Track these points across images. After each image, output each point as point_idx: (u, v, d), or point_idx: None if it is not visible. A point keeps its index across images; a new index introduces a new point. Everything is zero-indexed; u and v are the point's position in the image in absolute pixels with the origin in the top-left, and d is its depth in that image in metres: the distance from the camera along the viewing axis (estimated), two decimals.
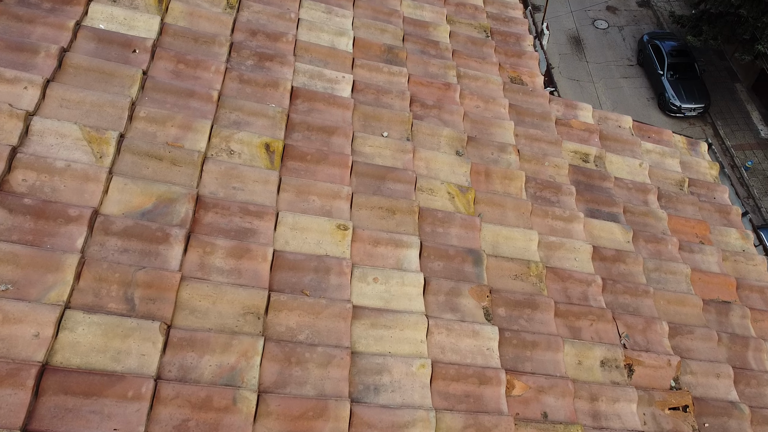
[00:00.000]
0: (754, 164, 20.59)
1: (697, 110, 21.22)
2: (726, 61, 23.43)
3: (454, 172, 3.43)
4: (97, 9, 3.13)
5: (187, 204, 2.62)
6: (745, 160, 20.76)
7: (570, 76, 23.12)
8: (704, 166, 4.49)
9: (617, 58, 23.73)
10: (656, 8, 25.26)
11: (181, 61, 3.12)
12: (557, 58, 23.52)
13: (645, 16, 25.33)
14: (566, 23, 24.70)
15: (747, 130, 21.83)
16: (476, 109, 3.88)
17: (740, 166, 20.44)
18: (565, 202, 3.63)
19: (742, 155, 21.07)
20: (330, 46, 3.69)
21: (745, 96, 22.59)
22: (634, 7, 25.78)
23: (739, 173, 20.37)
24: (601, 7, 25.74)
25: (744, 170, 20.29)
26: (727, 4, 19.48)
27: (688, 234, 3.94)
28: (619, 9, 25.66)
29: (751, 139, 21.58)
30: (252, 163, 2.92)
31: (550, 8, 23.39)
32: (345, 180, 3.08)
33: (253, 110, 3.11)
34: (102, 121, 2.72)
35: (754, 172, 20.57)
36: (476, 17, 4.56)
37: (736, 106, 22.43)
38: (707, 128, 21.74)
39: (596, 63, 23.63)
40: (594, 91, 22.77)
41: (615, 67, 23.47)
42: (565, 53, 23.79)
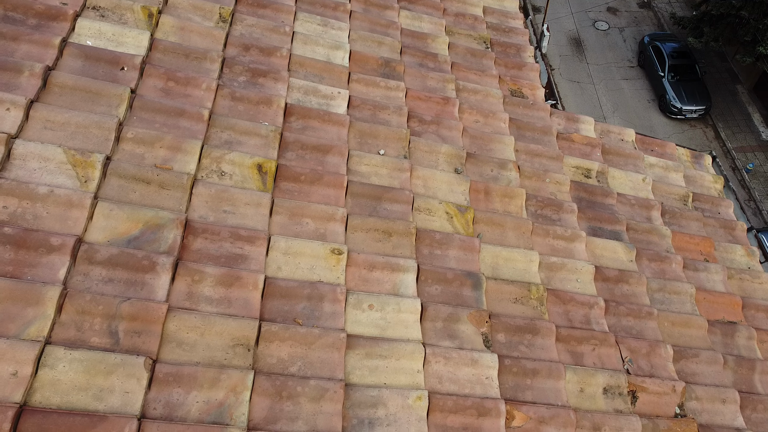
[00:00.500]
0: (755, 166, 20.51)
1: (698, 112, 21.14)
2: (727, 63, 23.34)
3: (453, 191, 3.33)
4: (85, 25, 3.03)
5: (175, 230, 2.52)
6: (746, 163, 20.68)
7: (570, 77, 23.03)
8: (708, 180, 4.40)
9: (618, 60, 23.64)
10: (657, 9, 25.17)
11: (171, 79, 3.03)
12: (558, 59, 23.43)
13: (646, 18, 25.24)
14: (567, 24, 24.61)
15: (748, 132, 21.74)
16: (476, 124, 3.79)
17: (741, 169, 20.35)
18: (566, 221, 3.54)
19: (743, 157, 20.98)
20: (325, 60, 3.59)
21: (747, 98, 22.50)
22: (635, 8, 25.69)
23: (740, 175, 20.28)
24: (602, 8, 25.65)
25: (745, 172, 20.20)
26: (728, 5, 19.40)
27: (692, 251, 3.84)
28: (619, 10, 25.56)
29: (753, 141, 21.49)
30: (243, 185, 2.83)
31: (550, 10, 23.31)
32: (340, 201, 2.99)
33: (245, 129, 3.02)
34: (88, 143, 2.62)
35: (755, 175, 20.49)
36: (476, 28, 4.47)
37: (738, 108, 22.34)
38: (708, 130, 21.66)
39: (597, 64, 23.54)
40: (594, 92, 22.68)
41: (615, 68, 23.37)
42: (565, 55, 23.70)
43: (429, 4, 4.41)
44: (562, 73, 23.05)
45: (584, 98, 22.48)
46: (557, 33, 24.07)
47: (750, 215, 19.56)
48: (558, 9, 24.84)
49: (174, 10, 3.37)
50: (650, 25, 24.81)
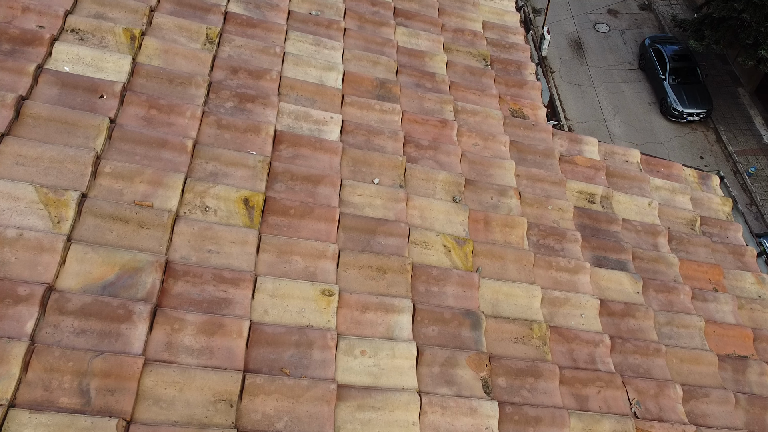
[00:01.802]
0: (757, 170, 20.36)
1: (699, 115, 20.98)
2: (728, 66, 23.18)
3: (451, 221, 3.18)
4: (62, 49, 2.87)
5: (154, 273, 2.37)
6: (747, 166, 20.53)
7: (571, 80, 22.88)
8: (716, 203, 4.24)
9: (618, 62, 23.48)
10: (658, 12, 25.01)
11: (153, 106, 2.87)
12: (558, 61, 23.28)
13: (646, 20, 25.08)
14: (567, 27, 24.46)
15: (750, 135, 21.59)
16: (475, 147, 3.63)
17: (743, 172, 20.20)
18: (570, 250, 3.38)
19: (744, 161, 20.83)
20: (318, 82, 3.44)
21: (748, 101, 22.35)
22: (636, 10, 25.53)
23: (741, 179, 20.13)
24: (602, 10, 25.50)
25: (747, 176, 20.06)
26: (730, 8, 19.24)
27: (700, 280, 3.69)
28: (620, 12, 25.40)
29: (754, 144, 21.34)
30: (229, 221, 2.67)
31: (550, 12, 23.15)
32: (331, 236, 2.83)
33: (231, 159, 2.86)
34: (62, 180, 2.47)
35: (756, 178, 20.34)
36: (475, 44, 4.31)
37: (739, 111, 22.19)
38: (709, 133, 21.51)
39: (597, 67, 23.39)
40: (595, 95, 22.53)
41: (616, 71, 23.22)
42: (565, 57, 23.55)
43: (427, 20, 4.25)
44: (563, 75, 22.90)
45: (585, 101, 22.34)
46: (557, 35, 23.91)
47: (751, 219, 19.40)
48: (558, 11, 24.68)
49: (158, 31, 3.21)
50: (651, 27, 24.64)
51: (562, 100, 21.92)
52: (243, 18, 3.51)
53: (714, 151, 21.05)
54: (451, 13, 4.44)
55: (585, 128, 21.07)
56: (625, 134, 21.11)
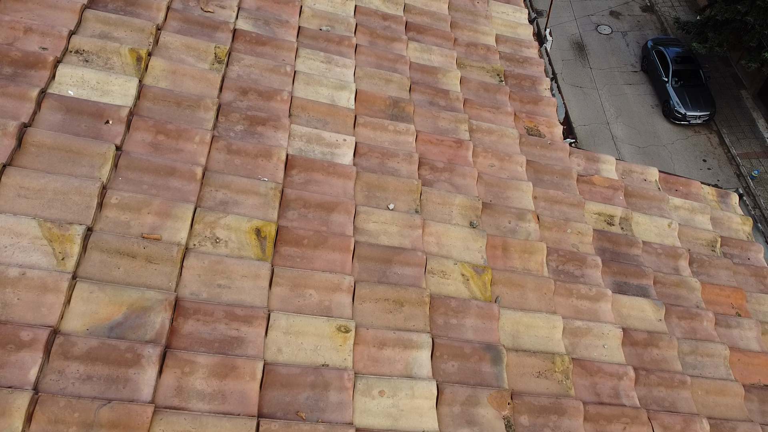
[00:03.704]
0: (760, 173, 20.26)
1: (702, 118, 20.88)
2: (731, 68, 23.07)
3: (468, 248, 3.07)
4: (66, 72, 2.76)
5: (163, 312, 2.25)
6: (751, 169, 20.43)
7: (573, 82, 22.79)
8: (736, 222, 4.13)
9: (621, 65, 23.38)
10: (660, 13, 24.90)
11: (161, 132, 2.76)
12: (560, 63, 23.19)
13: (649, 22, 24.98)
14: (569, 28, 24.35)
15: (753, 138, 21.49)
16: (491, 168, 3.52)
17: (746, 175, 20.11)
18: (590, 276, 3.27)
19: (748, 164, 20.73)
20: (330, 102, 3.32)
21: (751, 103, 22.25)
22: (638, 12, 25.43)
23: (745, 182, 20.04)
24: (605, 12, 25.39)
25: (750, 179, 19.96)
26: (733, 10, 19.14)
27: (723, 305, 3.58)
28: (622, 14, 25.30)
29: (757, 147, 21.24)
30: (240, 253, 2.56)
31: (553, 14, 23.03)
32: (346, 267, 2.72)
33: (242, 187, 2.75)
34: (66, 213, 2.35)
35: (760, 181, 20.24)
36: (488, 59, 4.20)
37: (742, 114, 22.09)
38: (712, 136, 21.42)
39: (599, 69, 23.29)
40: (598, 98, 22.43)
41: (618, 73, 23.12)
42: (568, 59, 23.45)
43: (439, 35, 4.13)
44: (565, 77, 22.81)
45: (587, 103, 22.25)
46: (560, 37, 23.80)
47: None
48: (561, 13, 24.57)
49: (165, 51, 3.10)
50: (653, 29, 24.54)
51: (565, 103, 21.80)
52: (252, 35, 3.40)
53: (717, 154, 20.96)
54: (464, 27, 4.33)
55: (587, 131, 20.98)
56: (628, 137, 21.02)
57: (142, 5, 3.21)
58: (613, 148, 20.90)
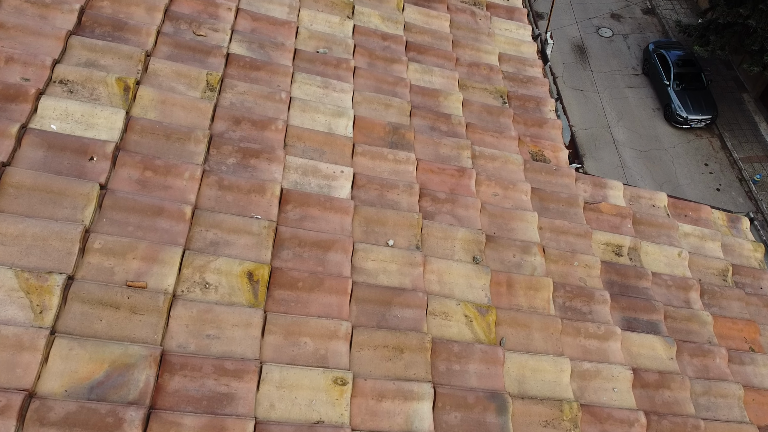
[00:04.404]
0: (762, 177, 20.12)
1: (704, 122, 20.75)
2: (733, 71, 22.94)
3: (472, 286, 2.93)
4: (49, 105, 2.62)
5: (147, 369, 2.12)
6: (753, 173, 20.29)
7: (574, 86, 22.66)
8: (748, 249, 4.00)
9: (622, 68, 23.24)
10: (661, 16, 24.76)
11: (148, 168, 2.62)
12: (561, 67, 23.06)
13: (650, 24, 24.84)
14: (570, 31, 24.22)
15: (755, 141, 21.36)
16: (494, 198, 3.38)
17: (748, 180, 19.98)
18: (598, 313, 3.14)
19: (750, 168, 20.59)
20: (327, 131, 3.18)
21: (753, 107, 22.12)
22: (639, 14, 25.29)
23: (747, 187, 19.90)
24: (605, 14, 25.26)
25: (752, 184, 19.83)
26: (735, 14, 19.00)
27: (736, 339, 3.44)
28: (623, 17, 25.16)
29: (760, 151, 21.11)
30: (231, 299, 2.42)
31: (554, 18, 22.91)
32: (343, 311, 2.58)
33: (234, 226, 2.61)
34: (46, 260, 2.22)
35: (762, 186, 20.11)
36: (491, 80, 4.06)
37: (744, 117, 21.96)
38: (714, 140, 21.29)
39: (601, 72, 23.15)
40: (599, 101, 22.30)
41: (620, 76, 22.98)
42: (569, 62, 23.31)
43: (440, 54, 3.99)
44: (566, 81, 22.68)
45: (588, 107, 22.11)
46: (560, 40, 23.66)
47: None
48: (561, 16, 24.43)
49: (155, 78, 2.96)
50: (654, 32, 24.40)
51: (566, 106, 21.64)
52: (246, 60, 3.26)
53: (719, 158, 20.83)
54: (466, 45, 4.19)
55: (589, 134, 20.85)
56: (629, 140, 20.89)
57: (131, 30, 3.07)
58: (614, 152, 20.77)
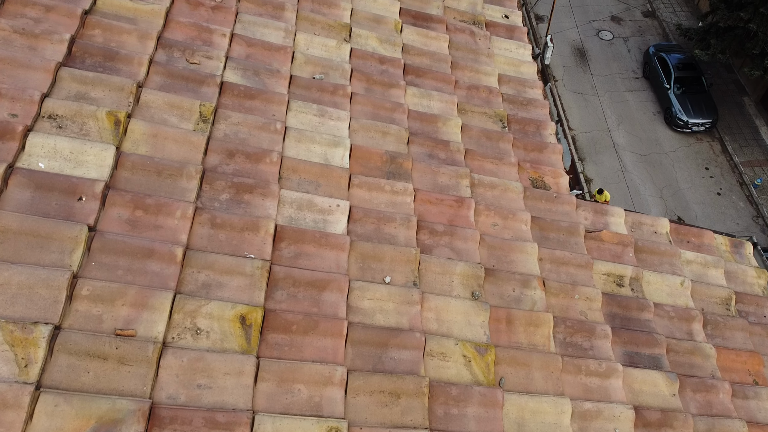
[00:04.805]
0: (763, 181, 20.06)
1: (704, 125, 20.69)
2: (733, 74, 22.87)
3: (470, 323, 2.87)
4: (37, 142, 2.56)
5: (136, 424, 2.05)
6: (753, 177, 20.23)
7: (574, 89, 22.60)
8: (751, 275, 3.93)
9: (622, 71, 23.18)
10: (662, 19, 24.70)
11: (139, 207, 2.55)
12: (561, 70, 23.00)
13: (650, 27, 24.77)
14: (570, 34, 24.15)
15: (756, 145, 21.30)
16: (494, 228, 3.32)
17: (749, 184, 19.91)
18: (599, 348, 3.07)
19: (750, 172, 20.53)
20: (323, 162, 3.12)
21: (753, 110, 22.06)
22: (639, 17, 25.22)
23: (747, 191, 19.84)
24: (606, 17, 25.19)
25: (753, 188, 19.77)
26: (736, 18, 18.94)
27: (739, 372, 3.38)
28: (623, 19, 25.09)
29: (760, 155, 21.05)
30: (223, 345, 2.36)
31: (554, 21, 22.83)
32: (338, 355, 2.52)
33: (227, 267, 2.55)
34: (32, 310, 2.15)
35: (763, 190, 20.05)
36: (491, 103, 3.99)
37: (745, 121, 21.90)
38: (715, 144, 21.23)
39: (601, 75, 23.09)
40: (599, 104, 22.24)
41: (620, 79, 22.92)
42: (569, 65, 23.25)
43: (439, 77, 3.93)
44: (566, 84, 22.62)
45: (588, 110, 22.05)
46: (561, 43, 23.60)
47: (758, 233, 19.13)
48: (562, 18, 24.36)
49: (146, 111, 2.90)
50: (655, 35, 24.33)
51: (566, 110, 21.64)
52: (240, 89, 3.19)
53: (719, 162, 20.77)
54: (465, 67, 4.12)
55: (589, 138, 20.78)
56: (630, 144, 20.82)
57: (123, 60, 3.01)
58: (615, 156, 20.71)
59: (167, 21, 3.31)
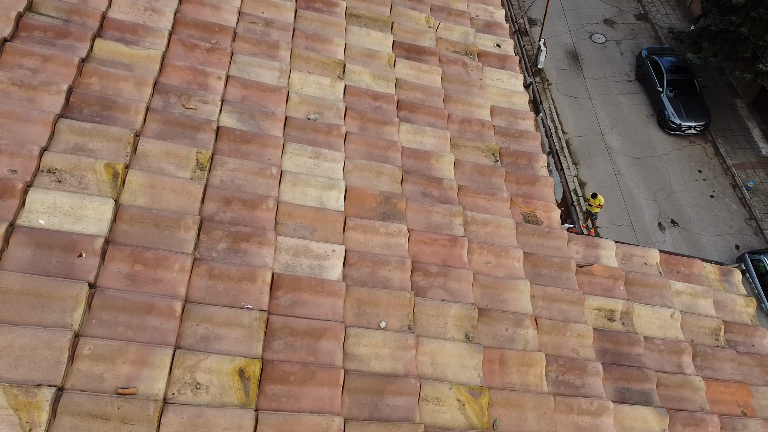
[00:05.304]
0: (756, 184, 20.24)
1: (697, 128, 20.86)
2: (726, 77, 23.05)
3: (464, 366, 2.93)
4: (37, 198, 2.60)
5: None
6: (746, 180, 20.40)
7: (568, 92, 22.73)
8: (740, 304, 4.01)
9: (615, 74, 23.32)
10: (654, 21, 24.86)
11: (138, 261, 2.60)
12: (555, 73, 23.13)
13: (643, 30, 24.92)
14: (564, 38, 24.27)
15: (748, 148, 21.47)
16: (487, 266, 3.38)
17: (742, 186, 20.08)
18: (591, 386, 3.14)
19: (743, 174, 20.70)
20: (318, 206, 3.17)
21: (746, 112, 22.24)
22: (632, 20, 25.36)
23: (740, 193, 20.01)
24: (599, 20, 25.33)
25: (746, 190, 19.94)
26: (727, 21, 19.09)
27: (728, 403, 3.46)
28: (616, 22, 25.24)
29: (753, 157, 21.22)
30: (222, 399, 2.41)
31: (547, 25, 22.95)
32: (335, 404, 2.58)
33: (225, 319, 2.60)
34: (35, 372, 2.20)
35: (756, 192, 20.22)
36: (483, 136, 4.06)
37: (737, 123, 22.07)
38: (707, 146, 21.39)
39: (594, 79, 23.22)
40: (592, 108, 22.37)
41: (613, 82, 23.06)
42: (562, 69, 23.38)
43: (432, 112, 3.99)
44: (560, 88, 22.74)
45: (582, 114, 22.18)
46: (554, 46, 23.73)
47: (751, 234, 19.30)
48: (555, 22, 24.49)
49: (144, 160, 2.94)
50: (647, 37, 24.48)
51: (560, 113, 21.77)
52: (236, 133, 3.24)
53: (712, 164, 20.92)
54: (457, 100, 4.18)
55: (582, 141, 20.91)
56: (623, 147, 20.96)
57: (120, 108, 3.05)
58: (608, 159, 20.84)
59: (163, 65, 3.35)
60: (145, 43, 3.39)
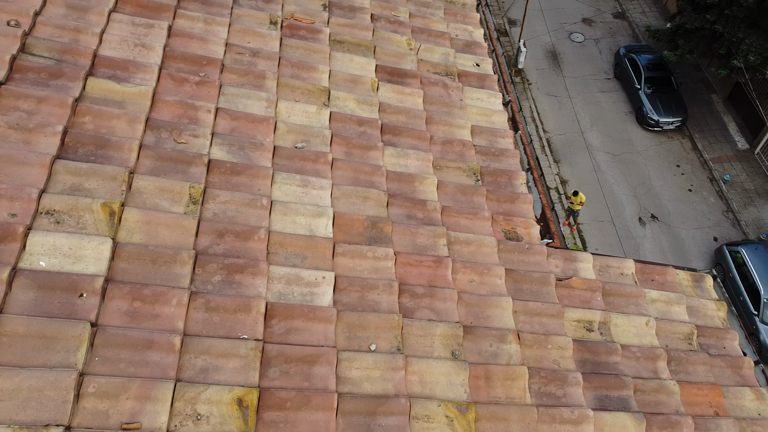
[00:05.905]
0: (732, 177, 20.72)
1: (674, 124, 21.31)
2: (702, 73, 23.54)
3: (452, 383, 3.09)
4: (37, 241, 2.71)
5: None
6: (723, 173, 20.87)
7: (548, 91, 23.04)
8: (711, 309, 4.22)
9: (594, 72, 23.69)
10: (631, 20, 25.29)
11: (137, 298, 2.72)
12: (535, 73, 23.43)
13: (621, 28, 25.34)
14: (543, 37, 24.60)
15: (724, 142, 21.96)
16: (470, 285, 3.54)
17: (719, 180, 20.54)
18: (572, 396, 3.32)
19: (720, 168, 21.16)
20: (308, 234, 3.31)
21: (722, 107, 22.74)
22: (610, 18, 25.77)
23: (717, 186, 20.46)
24: (577, 19, 25.70)
25: (723, 183, 20.40)
26: (702, 19, 19.51)
27: (701, 405, 3.66)
28: (594, 21, 25.63)
29: (729, 151, 21.70)
30: (223, 429, 2.54)
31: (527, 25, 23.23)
32: (330, 427, 2.72)
33: (222, 350, 2.73)
34: (42, 412, 2.31)
35: (732, 185, 20.70)
36: (464, 156, 4.22)
37: (713, 118, 22.56)
38: (685, 141, 21.84)
39: (573, 77, 23.57)
40: (571, 106, 22.71)
41: (592, 81, 23.43)
42: (542, 68, 23.69)
43: (415, 135, 4.14)
44: (540, 87, 23.05)
45: (562, 112, 22.51)
46: (534, 47, 24.04)
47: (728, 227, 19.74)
48: (534, 22, 24.80)
49: (139, 197, 3.06)
50: (625, 35, 24.90)
51: (540, 113, 22.07)
52: (227, 166, 3.37)
53: (690, 159, 21.37)
54: (439, 122, 4.34)
55: (563, 140, 21.22)
56: (603, 145, 21.31)
57: (114, 146, 3.16)
58: (589, 156, 21.18)
59: (154, 101, 3.46)
60: (136, 80, 3.50)
